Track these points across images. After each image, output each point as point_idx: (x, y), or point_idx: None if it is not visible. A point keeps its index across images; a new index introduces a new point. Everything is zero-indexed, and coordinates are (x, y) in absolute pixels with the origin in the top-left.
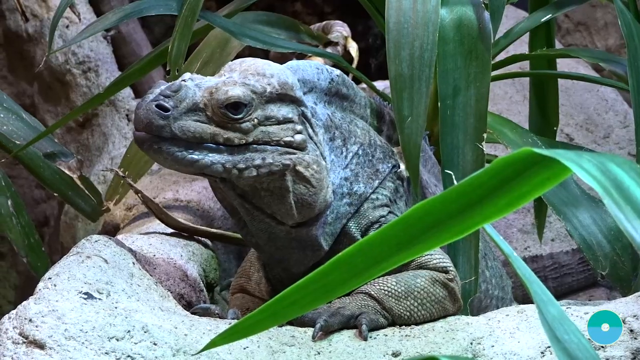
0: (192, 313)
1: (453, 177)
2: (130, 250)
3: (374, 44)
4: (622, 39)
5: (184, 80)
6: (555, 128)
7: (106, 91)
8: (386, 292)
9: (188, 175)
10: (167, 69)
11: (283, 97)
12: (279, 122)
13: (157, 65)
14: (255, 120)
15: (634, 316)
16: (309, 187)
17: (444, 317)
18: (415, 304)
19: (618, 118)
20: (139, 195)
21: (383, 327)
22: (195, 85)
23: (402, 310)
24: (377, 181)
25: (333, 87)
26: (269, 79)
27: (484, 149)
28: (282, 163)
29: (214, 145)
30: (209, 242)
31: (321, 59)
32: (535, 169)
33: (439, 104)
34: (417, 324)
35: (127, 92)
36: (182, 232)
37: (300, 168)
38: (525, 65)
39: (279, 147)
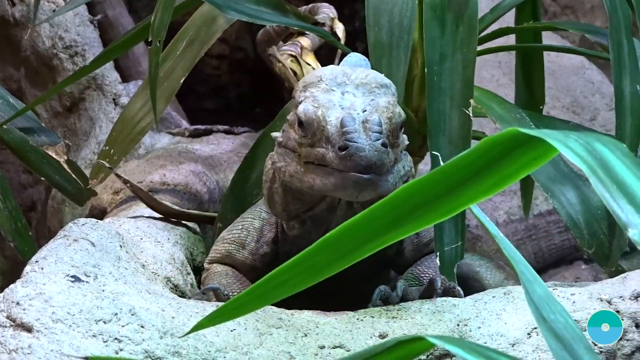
0: (201, 294)
1: (439, 158)
2: (117, 233)
3: (361, 28)
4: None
5: (365, 111)
6: (541, 107)
7: (90, 65)
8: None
9: (175, 159)
10: (149, 39)
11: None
12: (400, 128)
13: (140, 40)
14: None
15: (620, 297)
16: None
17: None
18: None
19: (604, 100)
20: (128, 185)
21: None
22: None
23: None
24: None
25: None
26: (391, 89)
27: (471, 115)
28: (410, 167)
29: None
30: (196, 226)
31: (309, 34)
32: (522, 149)
33: (425, 71)
34: None
35: (115, 76)
36: (172, 217)
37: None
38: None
39: (406, 152)
